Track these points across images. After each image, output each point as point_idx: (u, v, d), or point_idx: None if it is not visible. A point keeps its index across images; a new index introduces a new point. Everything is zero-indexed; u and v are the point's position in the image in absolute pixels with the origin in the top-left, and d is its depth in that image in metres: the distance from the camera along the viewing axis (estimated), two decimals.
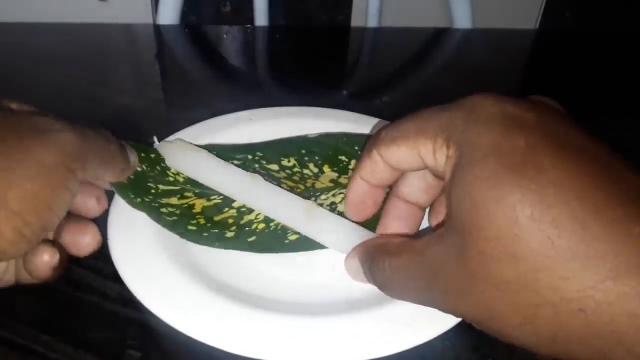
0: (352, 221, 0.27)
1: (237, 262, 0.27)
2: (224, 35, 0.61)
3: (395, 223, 0.26)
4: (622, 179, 0.17)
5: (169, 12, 0.59)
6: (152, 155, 0.30)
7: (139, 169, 0.29)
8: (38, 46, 0.52)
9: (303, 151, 0.32)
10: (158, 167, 0.30)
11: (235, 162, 0.31)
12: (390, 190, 0.26)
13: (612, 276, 0.16)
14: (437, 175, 0.24)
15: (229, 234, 0.27)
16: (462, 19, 0.63)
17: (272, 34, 0.62)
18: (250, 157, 0.32)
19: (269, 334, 0.22)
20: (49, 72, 0.46)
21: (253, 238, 0.27)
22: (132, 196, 0.27)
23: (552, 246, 0.16)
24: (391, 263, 0.22)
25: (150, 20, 0.60)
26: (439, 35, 0.64)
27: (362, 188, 0.25)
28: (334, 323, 0.23)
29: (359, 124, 0.35)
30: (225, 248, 0.27)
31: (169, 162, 0.30)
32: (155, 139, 0.31)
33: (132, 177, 0.28)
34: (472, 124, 0.19)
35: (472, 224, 0.18)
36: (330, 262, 0.27)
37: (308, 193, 0.29)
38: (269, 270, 0.27)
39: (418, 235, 0.26)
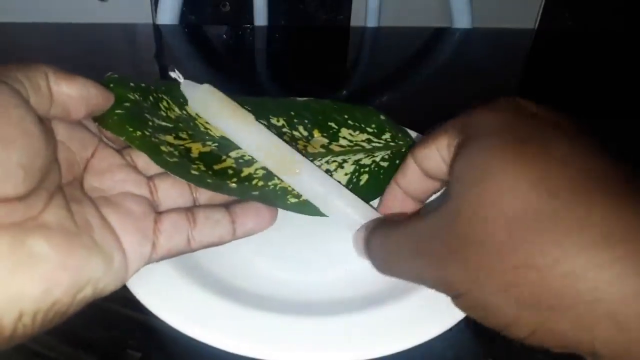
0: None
1: (237, 262, 0.27)
2: (224, 35, 0.61)
3: (393, 207, 0.26)
4: (625, 170, 0.18)
5: (169, 12, 0.59)
6: (143, 85, 0.27)
7: (131, 96, 0.26)
8: (38, 46, 0.52)
9: (292, 113, 0.32)
10: (151, 98, 0.27)
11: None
12: (392, 180, 0.27)
13: (600, 244, 0.16)
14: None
15: (232, 185, 0.26)
16: (462, 19, 0.63)
17: (272, 34, 0.62)
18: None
19: (269, 334, 0.23)
20: None
21: (256, 193, 0.26)
22: (131, 129, 0.24)
23: (546, 212, 0.16)
24: (387, 233, 0.22)
25: (150, 20, 0.60)
26: (438, 35, 0.64)
27: (396, 195, 0.26)
28: (334, 323, 0.23)
29: None
30: (231, 195, 0.26)
31: (192, 104, 0.28)
32: (176, 72, 0.28)
33: (124, 109, 0.25)
34: (484, 114, 0.20)
35: (469, 189, 0.18)
36: (330, 262, 0.27)
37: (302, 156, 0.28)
38: (268, 270, 0.27)
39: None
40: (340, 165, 0.29)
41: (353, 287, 0.26)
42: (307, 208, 0.27)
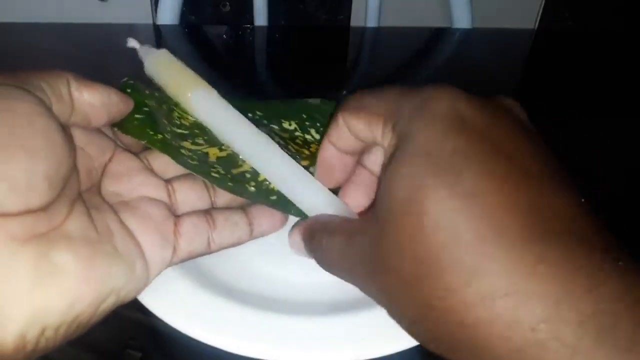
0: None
1: (237, 262, 0.27)
2: (224, 35, 0.61)
3: (354, 189, 0.25)
4: (550, 207, 0.17)
5: (169, 12, 0.59)
6: (157, 94, 0.27)
7: (148, 102, 0.26)
8: (38, 46, 0.52)
9: (304, 115, 0.32)
10: (164, 107, 0.27)
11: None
12: (325, 137, 0.25)
13: (493, 296, 0.16)
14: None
15: (251, 188, 0.26)
16: (462, 19, 0.63)
17: (272, 34, 0.62)
18: (250, 115, 0.30)
19: (269, 334, 0.23)
20: None
21: (274, 197, 0.26)
22: (152, 133, 0.25)
23: (445, 256, 0.16)
24: (326, 242, 0.22)
25: (150, 21, 0.60)
26: (438, 35, 0.64)
27: (331, 152, 0.24)
28: (334, 323, 0.23)
29: None
30: (252, 200, 0.26)
31: (149, 69, 0.27)
32: (132, 41, 0.28)
33: (143, 114, 0.26)
34: (418, 117, 0.19)
35: (390, 216, 0.18)
36: None
37: (314, 159, 0.28)
38: (269, 270, 0.27)
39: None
40: None
41: (353, 287, 0.26)
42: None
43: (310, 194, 0.25)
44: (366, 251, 0.19)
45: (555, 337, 0.15)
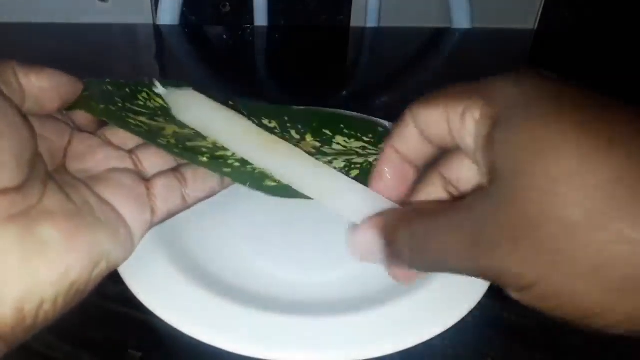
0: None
1: (237, 262, 0.27)
2: (224, 36, 0.61)
3: (390, 175, 0.23)
4: None
5: (169, 13, 0.59)
6: (122, 81, 0.28)
7: (101, 87, 0.27)
8: (38, 46, 0.52)
9: (286, 118, 0.32)
10: (127, 90, 0.28)
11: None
12: (387, 143, 0.23)
13: None
14: (452, 145, 0.21)
15: (203, 159, 0.26)
16: (461, 19, 0.63)
17: (272, 34, 0.62)
18: (231, 102, 0.30)
19: (269, 334, 0.23)
20: None
21: (228, 170, 0.26)
22: (93, 103, 0.25)
23: (627, 181, 0.14)
24: (428, 225, 0.19)
25: (150, 21, 0.60)
26: (438, 35, 0.64)
27: (393, 159, 0.23)
28: (334, 323, 0.23)
29: None
30: (198, 165, 0.26)
31: (175, 112, 0.28)
32: (155, 81, 0.29)
33: (94, 89, 0.26)
34: (513, 83, 0.18)
35: (531, 163, 0.16)
36: (330, 262, 0.27)
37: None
38: (269, 270, 0.27)
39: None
40: (330, 162, 0.28)
41: (353, 287, 0.26)
42: (286, 192, 0.26)
43: (350, 191, 0.23)
44: (498, 215, 0.16)
45: None
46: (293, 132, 0.31)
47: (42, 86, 0.23)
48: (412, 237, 0.20)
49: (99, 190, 0.23)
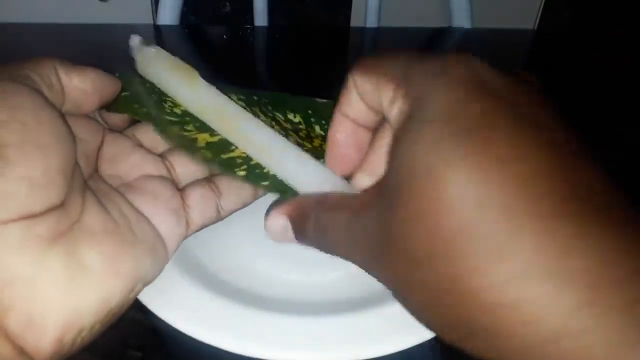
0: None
1: (237, 262, 0.27)
2: (224, 36, 0.61)
3: (344, 142, 0.23)
4: (582, 178, 0.15)
5: (169, 13, 0.59)
6: (147, 84, 0.27)
7: (136, 86, 0.26)
8: (38, 46, 0.52)
9: (310, 111, 0.31)
10: (153, 96, 0.27)
11: (237, 100, 0.28)
12: (336, 109, 0.23)
13: (526, 275, 0.14)
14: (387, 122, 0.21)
15: (240, 173, 0.25)
16: (461, 19, 0.63)
17: (272, 34, 0.62)
18: (255, 98, 0.29)
19: (269, 334, 0.23)
20: None
21: (267, 183, 0.25)
22: (137, 106, 0.24)
23: (471, 231, 0.14)
24: (328, 219, 0.20)
25: (150, 21, 0.60)
26: (438, 35, 0.64)
27: (343, 125, 0.22)
28: (334, 323, 0.23)
29: None
30: (240, 181, 0.25)
31: (141, 69, 0.26)
32: (135, 38, 0.27)
33: (129, 91, 0.25)
34: (436, 81, 0.17)
35: (403, 190, 0.16)
36: (330, 262, 0.27)
37: (316, 153, 0.27)
38: (269, 270, 0.27)
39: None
40: None
41: (353, 287, 0.26)
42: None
43: (307, 170, 0.23)
44: (373, 228, 0.17)
45: (598, 325, 0.13)
46: (317, 128, 0.30)
47: (84, 87, 0.22)
48: (314, 228, 0.20)
49: (134, 200, 0.22)
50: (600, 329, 0.13)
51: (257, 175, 0.25)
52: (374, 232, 0.17)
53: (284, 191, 0.25)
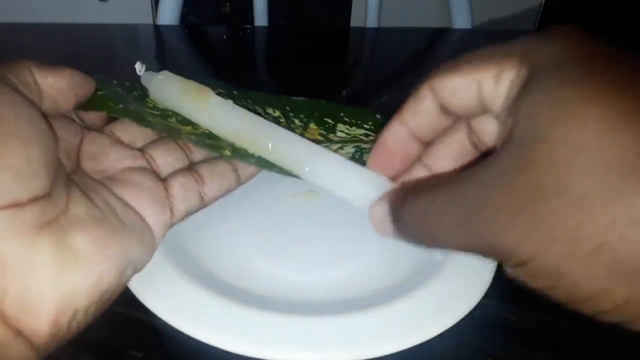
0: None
1: (237, 262, 0.27)
2: (224, 36, 0.61)
3: (392, 148, 0.22)
4: None
5: (169, 13, 0.59)
6: (127, 83, 0.27)
7: (112, 87, 0.26)
8: (38, 46, 0.52)
9: (288, 108, 0.32)
10: (135, 93, 0.27)
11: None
12: (394, 117, 0.22)
13: None
14: (478, 113, 0.20)
15: (227, 153, 0.25)
16: (461, 20, 0.63)
17: (272, 34, 0.62)
18: (235, 92, 0.31)
19: (269, 334, 0.23)
20: None
21: (253, 160, 0.25)
22: (112, 103, 0.25)
23: (606, 170, 0.13)
24: (428, 200, 0.18)
25: (150, 21, 0.60)
26: (438, 35, 0.64)
27: (398, 134, 0.22)
28: (334, 323, 0.23)
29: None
30: (227, 159, 0.25)
31: (153, 94, 0.27)
32: (139, 66, 0.27)
33: (105, 90, 0.25)
34: (550, 41, 0.17)
35: (549, 128, 0.15)
36: (330, 262, 0.27)
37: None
38: (269, 270, 0.27)
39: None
40: (341, 148, 0.28)
41: (353, 287, 0.26)
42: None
43: (351, 175, 0.22)
44: (507, 179, 0.15)
45: None
46: (297, 121, 0.31)
47: (59, 86, 0.22)
48: (410, 213, 0.19)
49: (119, 192, 0.23)
50: None
51: (242, 155, 0.25)
52: (509, 185, 0.15)
53: (270, 166, 0.25)
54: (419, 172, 0.22)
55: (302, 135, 0.28)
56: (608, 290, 0.14)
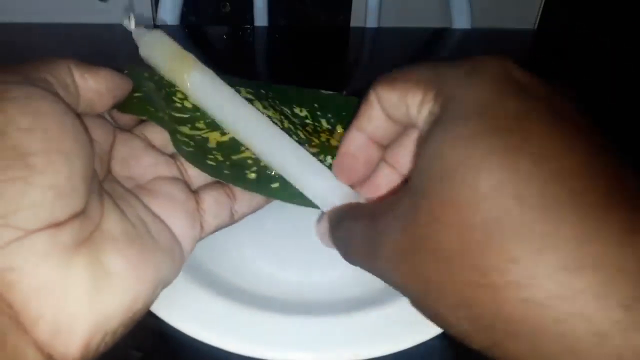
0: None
1: (238, 262, 0.27)
2: (224, 35, 0.61)
3: (370, 187, 0.24)
4: (625, 174, 0.15)
5: (169, 13, 0.59)
6: (156, 78, 0.26)
7: (147, 83, 0.26)
8: (38, 46, 0.52)
9: (315, 105, 0.31)
10: (163, 91, 0.26)
11: (246, 94, 0.28)
12: (352, 124, 0.23)
13: (571, 267, 0.13)
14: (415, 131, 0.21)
15: (251, 175, 0.25)
16: (461, 19, 0.63)
17: (272, 34, 0.62)
18: (263, 91, 0.30)
19: (269, 334, 0.23)
20: None
21: (276, 185, 0.25)
22: (152, 109, 0.24)
23: (509, 223, 0.14)
24: (349, 226, 0.20)
25: (150, 21, 0.60)
26: (438, 35, 0.64)
27: (357, 140, 0.22)
28: (334, 323, 0.23)
29: None
30: (248, 190, 0.25)
31: (143, 51, 0.26)
32: (128, 20, 0.27)
33: (142, 92, 0.25)
34: (469, 81, 0.17)
35: (432, 186, 0.15)
36: (330, 262, 0.27)
37: (324, 148, 0.27)
38: (269, 270, 0.27)
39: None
40: None
41: (353, 287, 0.26)
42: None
43: (317, 179, 0.23)
44: (396, 232, 0.17)
45: None
46: (324, 122, 0.30)
47: (98, 89, 0.21)
48: (337, 238, 0.21)
49: (150, 204, 0.22)
50: None
51: (267, 177, 0.25)
52: (397, 236, 0.17)
53: (291, 197, 0.25)
54: (385, 172, 0.23)
55: (328, 140, 0.28)
56: (471, 336, 0.16)
